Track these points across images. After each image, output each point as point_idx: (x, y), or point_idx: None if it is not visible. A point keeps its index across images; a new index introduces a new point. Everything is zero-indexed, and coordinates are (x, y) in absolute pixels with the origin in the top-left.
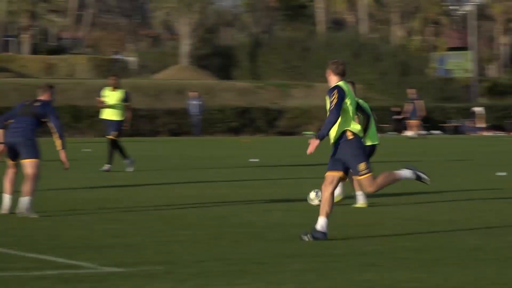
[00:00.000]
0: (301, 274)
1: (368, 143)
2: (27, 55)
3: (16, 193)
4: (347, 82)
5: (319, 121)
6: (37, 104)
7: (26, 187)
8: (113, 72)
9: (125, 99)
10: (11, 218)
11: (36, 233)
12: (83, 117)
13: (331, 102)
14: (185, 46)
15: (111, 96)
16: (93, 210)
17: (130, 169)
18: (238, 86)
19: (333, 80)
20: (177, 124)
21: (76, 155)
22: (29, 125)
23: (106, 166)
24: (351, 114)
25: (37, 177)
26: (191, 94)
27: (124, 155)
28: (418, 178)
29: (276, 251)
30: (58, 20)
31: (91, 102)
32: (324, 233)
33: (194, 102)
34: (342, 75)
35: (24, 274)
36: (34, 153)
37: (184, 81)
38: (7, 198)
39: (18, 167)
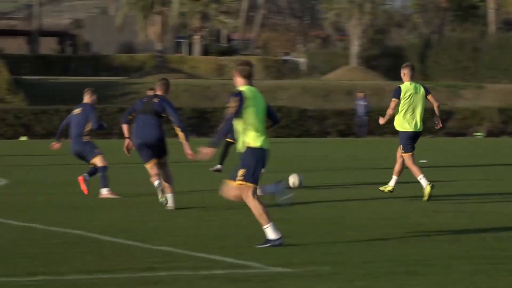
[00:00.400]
0: (470, 276)
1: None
2: (198, 56)
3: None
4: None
5: (489, 122)
6: (156, 100)
7: (170, 183)
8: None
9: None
10: (179, 218)
11: (205, 233)
12: None
13: (229, 108)
14: (355, 47)
15: None
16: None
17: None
18: None
19: (239, 82)
20: (345, 125)
21: None
22: (154, 122)
23: (218, 166)
24: (251, 121)
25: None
26: (359, 94)
27: (222, 159)
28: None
29: (444, 253)
30: (229, 21)
31: None
32: (277, 239)
33: (361, 103)
34: (247, 77)
35: (193, 273)
36: (166, 150)
37: (353, 82)
38: (170, 196)
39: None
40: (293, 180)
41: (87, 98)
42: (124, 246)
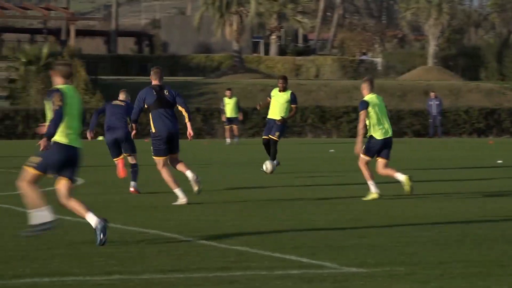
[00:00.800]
0: None
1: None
2: (275, 56)
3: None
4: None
5: None
6: (167, 93)
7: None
8: (282, 75)
9: (292, 101)
10: (254, 218)
11: (280, 233)
12: (329, 118)
13: (55, 105)
14: (432, 47)
15: (278, 97)
16: (337, 210)
17: (265, 171)
18: (484, 87)
19: (58, 81)
20: (422, 125)
21: (322, 155)
22: (174, 117)
23: (273, 164)
24: (66, 118)
25: None
26: (431, 94)
27: (274, 156)
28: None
29: None
30: (306, 21)
31: (337, 103)
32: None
33: (433, 103)
34: (67, 77)
35: (267, 273)
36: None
37: (429, 82)
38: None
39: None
40: (267, 166)
41: (125, 97)
42: (199, 245)
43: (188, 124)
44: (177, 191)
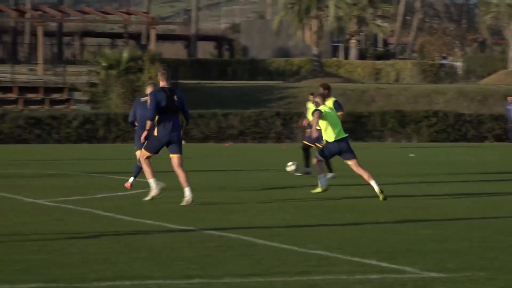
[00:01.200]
0: None
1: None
2: (355, 60)
3: None
4: None
5: None
6: (176, 98)
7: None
8: (324, 83)
9: (337, 108)
10: (334, 222)
11: (360, 237)
12: (409, 122)
13: None
14: None
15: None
16: (417, 214)
17: (297, 173)
18: None
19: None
20: (502, 129)
21: (401, 159)
22: (178, 122)
23: (308, 169)
24: None
25: None
26: (508, 98)
27: (307, 163)
28: None
29: None
30: (385, 25)
31: (417, 107)
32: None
33: (511, 107)
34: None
35: (347, 277)
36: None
37: (510, 86)
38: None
39: None
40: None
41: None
42: (279, 249)
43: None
44: (151, 181)
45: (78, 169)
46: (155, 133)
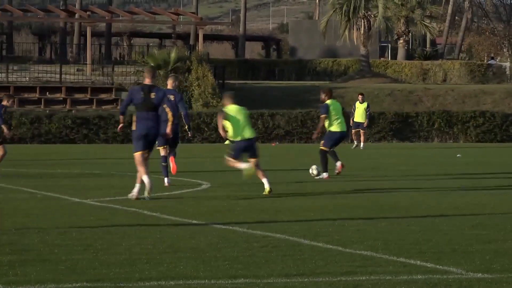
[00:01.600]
0: None
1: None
2: (402, 61)
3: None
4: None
5: None
6: (153, 96)
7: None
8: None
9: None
10: (380, 222)
11: (405, 238)
12: (456, 123)
13: None
14: None
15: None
16: (462, 214)
17: (317, 176)
18: None
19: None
20: None
21: (449, 160)
22: (157, 118)
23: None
24: None
25: None
26: None
27: (325, 166)
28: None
29: None
30: (433, 26)
31: (464, 108)
32: None
33: None
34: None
35: (392, 278)
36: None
37: None
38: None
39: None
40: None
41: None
42: (324, 250)
43: (169, 124)
44: (145, 179)
45: (124, 169)
46: (133, 127)
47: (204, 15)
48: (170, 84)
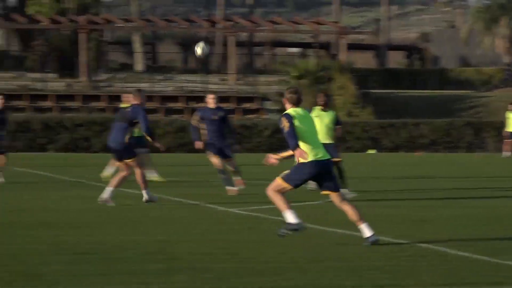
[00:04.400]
0: None
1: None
2: None
3: None
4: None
5: None
6: (129, 109)
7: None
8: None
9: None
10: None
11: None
12: None
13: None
14: None
15: (321, 116)
16: None
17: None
18: None
19: (287, 107)
20: None
21: None
22: (119, 129)
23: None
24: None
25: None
26: None
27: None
28: None
29: None
30: None
31: None
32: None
33: None
34: (295, 104)
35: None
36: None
37: None
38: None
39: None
40: None
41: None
42: (471, 260)
43: (154, 143)
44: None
45: (270, 178)
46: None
47: (346, 24)
48: (210, 101)
